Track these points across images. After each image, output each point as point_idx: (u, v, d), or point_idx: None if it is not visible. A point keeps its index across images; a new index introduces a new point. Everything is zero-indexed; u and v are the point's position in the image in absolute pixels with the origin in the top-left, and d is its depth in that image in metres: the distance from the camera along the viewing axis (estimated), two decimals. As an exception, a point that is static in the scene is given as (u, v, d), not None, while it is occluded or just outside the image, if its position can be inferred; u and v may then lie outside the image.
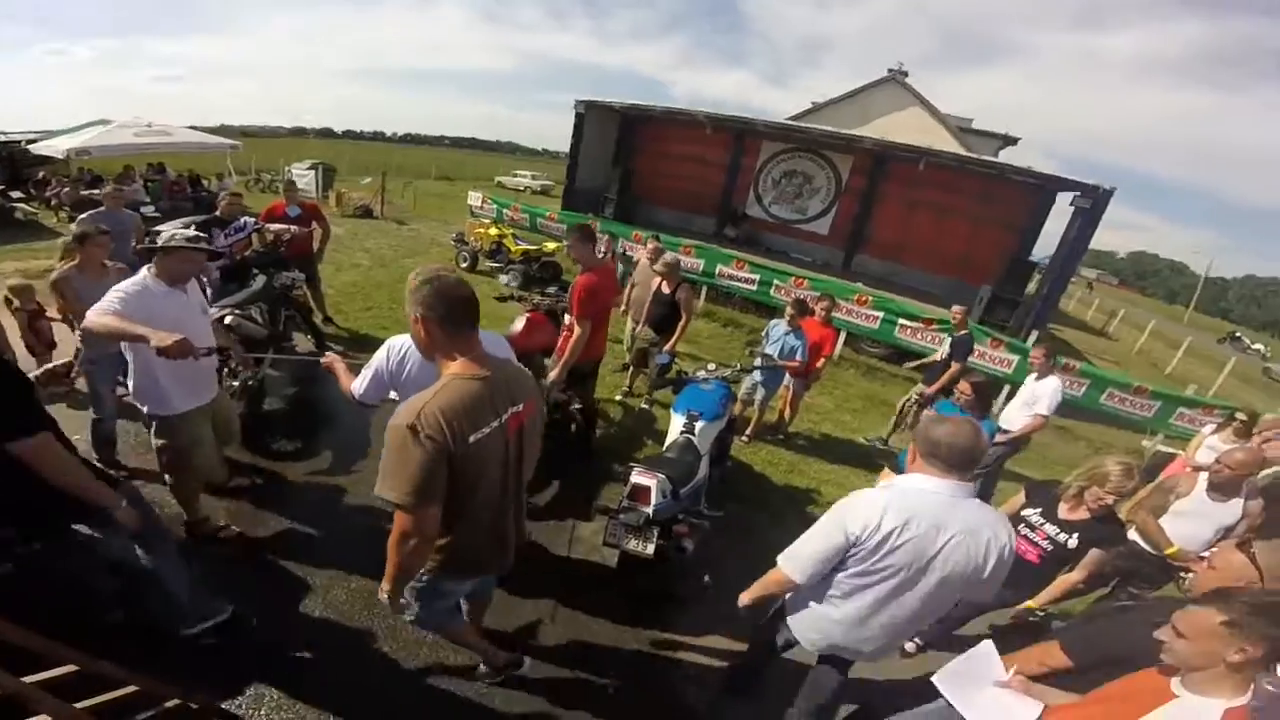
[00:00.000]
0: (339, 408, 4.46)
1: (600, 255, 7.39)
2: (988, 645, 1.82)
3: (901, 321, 8.78)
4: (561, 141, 14.08)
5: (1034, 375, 4.54)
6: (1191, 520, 3.05)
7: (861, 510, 1.74)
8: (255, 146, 27.29)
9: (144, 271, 2.54)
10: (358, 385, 2.26)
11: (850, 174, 12.74)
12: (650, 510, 2.79)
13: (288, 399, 4.80)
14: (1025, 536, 2.68)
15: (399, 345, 2.21)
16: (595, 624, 2.96)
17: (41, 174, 12.82)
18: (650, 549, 2.80)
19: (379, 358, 2.23)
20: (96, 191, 11.02)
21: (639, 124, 14.62)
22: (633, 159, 14.79)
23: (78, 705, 1.34)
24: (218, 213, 5.57)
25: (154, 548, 2.22)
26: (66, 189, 11.33)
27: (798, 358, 4.81)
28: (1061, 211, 10.19)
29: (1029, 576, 2.66)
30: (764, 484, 4.65)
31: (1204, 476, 3.13)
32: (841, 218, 13.08)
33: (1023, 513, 2.74)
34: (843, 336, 8.82)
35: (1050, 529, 2.62)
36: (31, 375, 2.06)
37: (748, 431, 5.27)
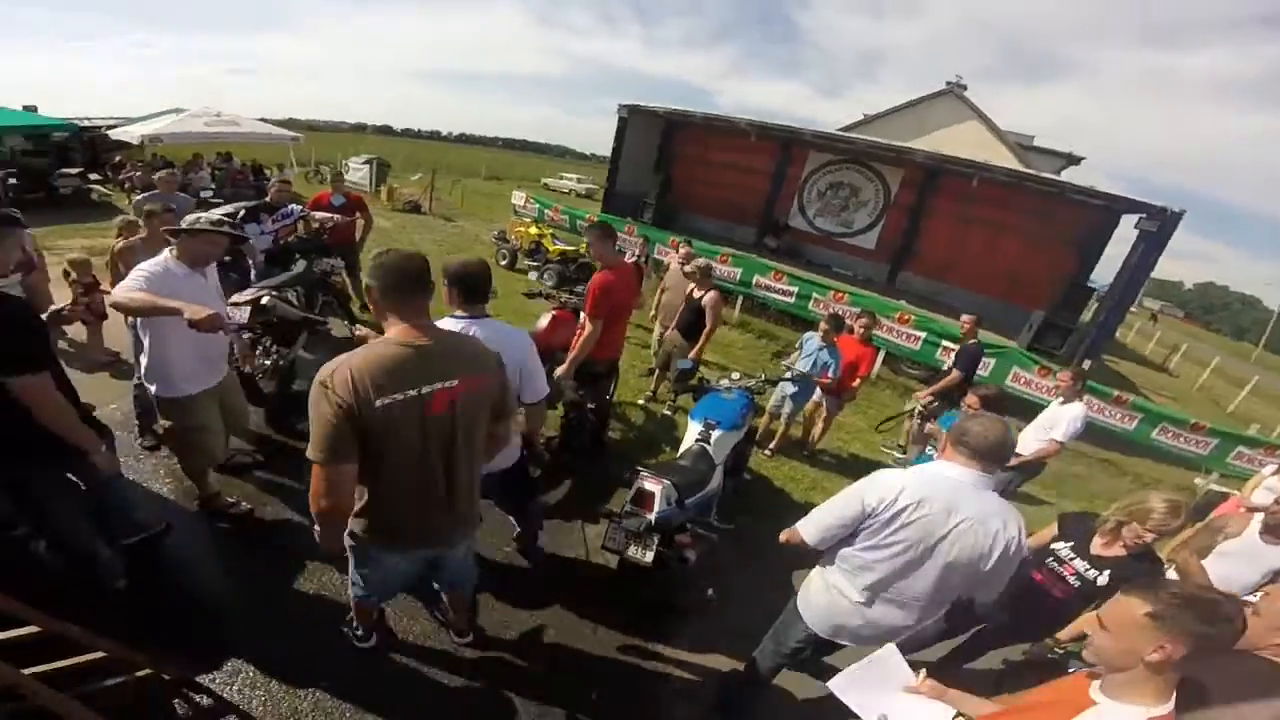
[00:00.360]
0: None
1: (634, 258, 7.40)
2: (891, 649, 1.68)
3: (945, 344, 8.43)
4: (609, 146, 14.14)
5: (1059, 399, 4.27)
6: (1237, 562, 2.80)
7: (880, 484, 1.84)
8: (317, 140, 28.40)
9: (165, 253, 2.62)
10: None
11: (900, 187, 12.38)
12: (652, 517, 2.72)
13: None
14: (1052, 570, 2.51)
15: None
16: (592, 630, 2.89)
17: (118, 158, 13.62)
18: (649, 557, 2.71)
19: None
20: (178, 173, 11.70)
21: (682, 130, 14.57)
22: (674, 165, 14.74)
23: (39, 669, 1.34)
24: (268, 199, 5.77)
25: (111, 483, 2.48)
26: (139, 173, 11.98)
27: (829, 374, 4.66)
28: (1123, 236, 9.69)
29: (1052, 613, 2.48)
30: (782, 499, 4.51)
31: (1258, 518, 2.88)
32: (888, 232, 12.71)
33: (1052, 545, 2.57)
34: (881, 355, 8.58)
35: (1080, 564, 2.44)
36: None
37: (771, 445, 5.13)
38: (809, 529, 1.98)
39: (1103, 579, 2.37)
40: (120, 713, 1.42)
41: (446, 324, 2.28)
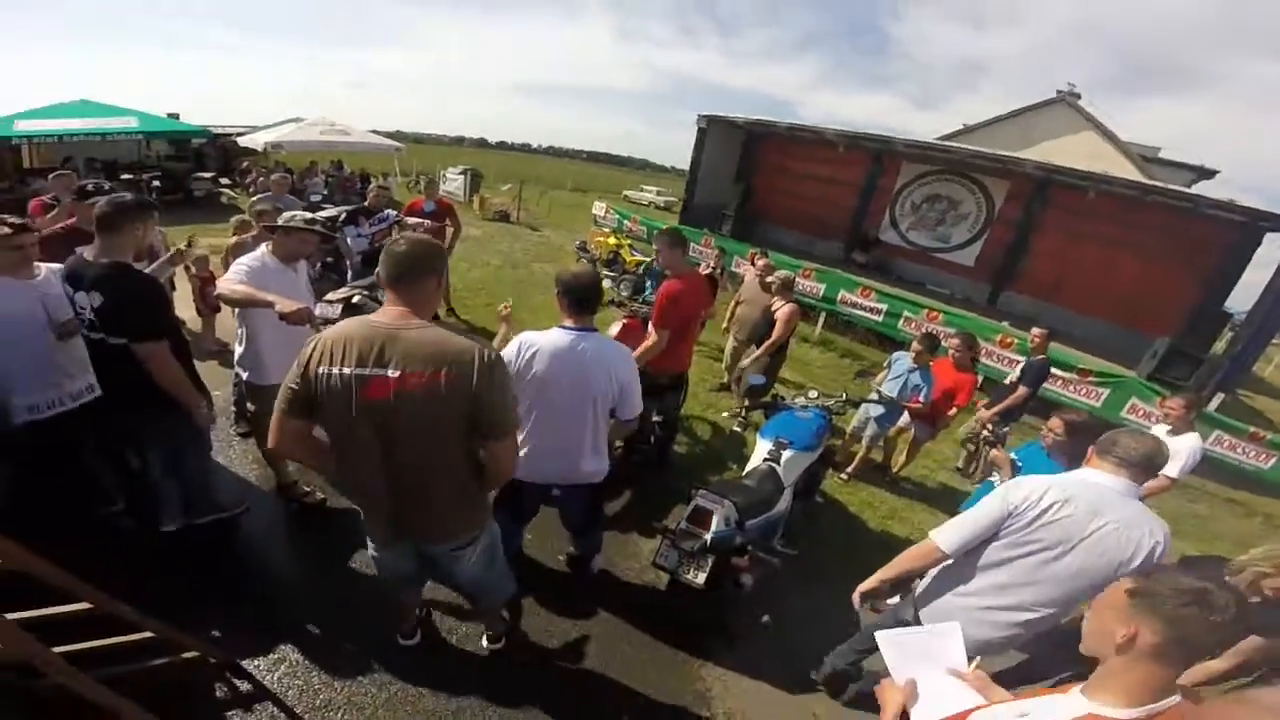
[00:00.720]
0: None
1: (709, 269, 7.27)
2: (955, 626, 1.50)
3: (1053, 370, 7.69)
4: (688, 158, 14.11)
5: (1167, 429, 3.73)
6: None
7: (1025, 485, 1.87)
8: (420, 151, 30.20)
9: (262, 248, 2.81)
10: None
11: (1005, 200, 11.49)
12: (709, 537, 2.59)
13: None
14: None
15: (527, 342, 2.28)
16: (636, 647, 2.79)
17: (245, 164, 15.05)
18: (701, 579, 2.58)
19: (509, 352, 2.28)
20: (290, 178, 12.78)
21: (763, 140, 14.27)
22: (755, 176, 14.44)
23: (81, 645, 1.38)
24: (366, 203, 6.15)
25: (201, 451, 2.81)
26: (262, 178, 13.19)
27: (919, 398, 4.28)
28: (1266, 259, 8.53)
29: None
30: (855, 527, 4.21)
31: None
32: (990, 248, 11.80)
33: None
34: (979, 381, 7.97)
35: None
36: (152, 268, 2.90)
37: (849, 468, 4.83)
38: (949, 536, 1.95)
39: None
40: (162, 691, 1.46)
41: (554, 335, 2.28)
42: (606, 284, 8.62)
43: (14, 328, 2.38)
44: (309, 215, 2.98)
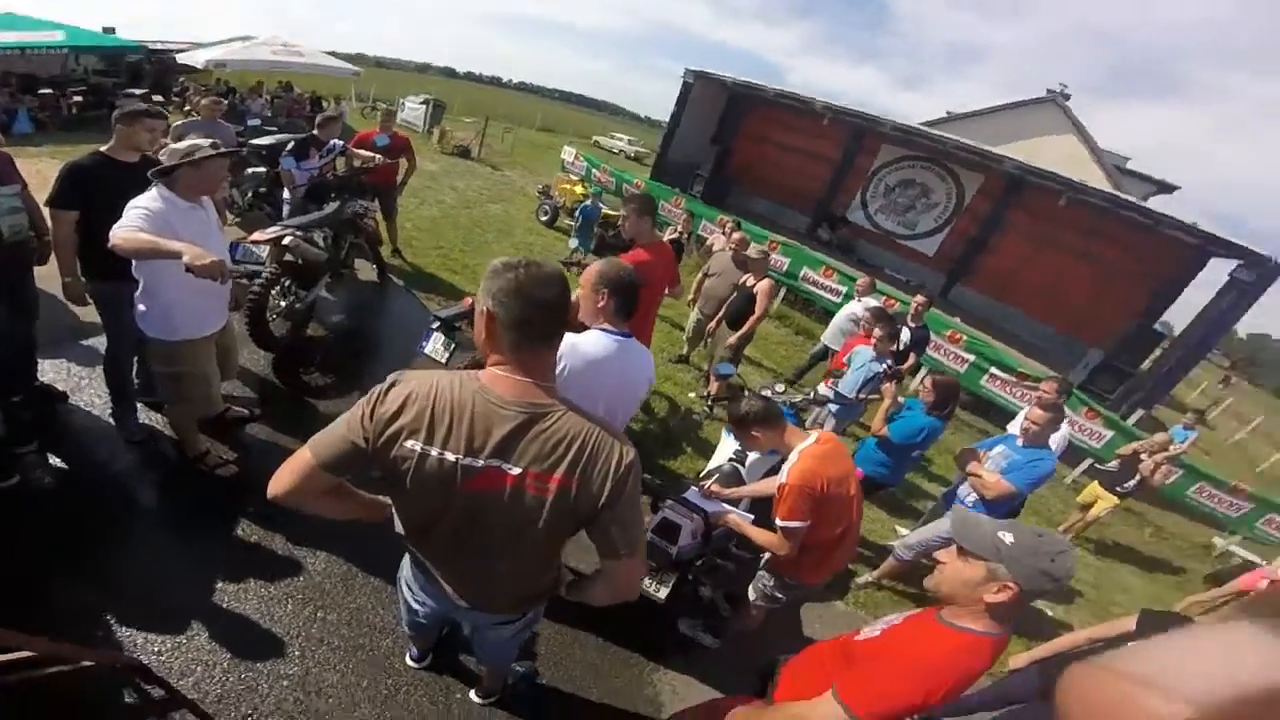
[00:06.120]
0: (389, 342, 4.53)
1: (676, 234, 6.97)
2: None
3: (993, 371, 7.88)
4: (663, 111, 13.57)
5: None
6: None
7: None
8: (381, 77, 27.94)
9: (157, 186, 2.32)
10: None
11: (975, 195, 11.57)
12: (674, 552, 2.43)
13: (335, 326, 4.70)
14: None
15: (570, 347, 1.91)
16: (586, 650, 2.69)
17: (182, 81, 13.53)
18: (663, 593, 2.47)
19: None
20: (224, 101, 11.53)
21: (747, 103, 13.81)
22: (733, 138, 14.04)
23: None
24: (314, 132, 5.51)
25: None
26: (199, 98, 11.89)
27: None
28: (1206, 281, 8.95)
29: None
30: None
31: None
32: (952, 240, 11.95)
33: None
34: (924, 373, 8.10)
35: None
36: None
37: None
38: None
39: None
40: (59, 700, 1.36)
41: (600, 340, 1.96)
42: (573, 243, 8.19)
43: None
44: (210, 141, 2.48)
